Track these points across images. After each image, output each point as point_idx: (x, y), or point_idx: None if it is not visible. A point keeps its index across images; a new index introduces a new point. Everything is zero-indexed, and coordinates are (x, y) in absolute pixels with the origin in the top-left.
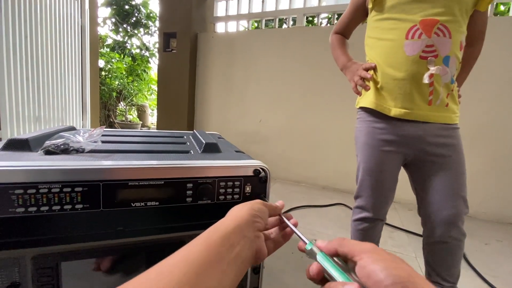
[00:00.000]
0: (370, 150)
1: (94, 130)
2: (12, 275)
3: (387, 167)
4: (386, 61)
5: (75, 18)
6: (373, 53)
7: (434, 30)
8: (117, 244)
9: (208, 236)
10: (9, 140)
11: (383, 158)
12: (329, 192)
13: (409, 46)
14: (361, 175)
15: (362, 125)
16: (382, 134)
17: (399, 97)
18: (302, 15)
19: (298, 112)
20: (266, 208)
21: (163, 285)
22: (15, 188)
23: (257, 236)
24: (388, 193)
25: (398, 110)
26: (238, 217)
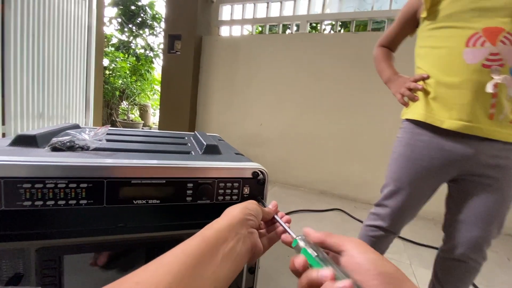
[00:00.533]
0: (405, 163)
1: (100, 129)
2: (17, 266)
3: (420, 184)
4: (441, 69)
5: (83, 17)
6: (426, 63)
7: (500, 38)
8: (118, 240)
9: (203, 233)
10: (18, 136)
11: (418, 174)
12: (327, 197)
13: (469, 53)
14: (390, 185)
15: (404, 136)
16: (425, 148)
17: (455, 107)
18: (306, 22)
19: (299, 117)
20: (260, 208)
21: (162, 274)
22: (23, 182)
23: (250, 232)
24: (415, 212)
25: (454, 122)
26: (231, 215)
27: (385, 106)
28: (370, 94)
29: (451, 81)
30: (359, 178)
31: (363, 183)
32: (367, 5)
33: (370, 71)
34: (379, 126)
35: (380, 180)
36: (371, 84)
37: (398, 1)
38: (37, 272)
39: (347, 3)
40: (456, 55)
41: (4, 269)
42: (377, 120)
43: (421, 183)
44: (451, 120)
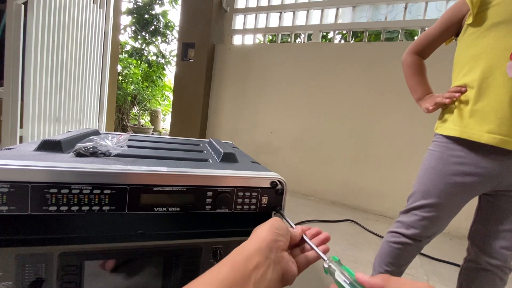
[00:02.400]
0: (435, 176)
1: (122, 136)
2: (39, 271)
3: (450, 199)
4: (481, 82)
5: (100, 25)
6: (466, 74)
7: None
8: (138, 247)
9: (233, 259)
10: (43, 141)
11: (449, 189)
12: (338, 208)
13: None
14: (417, 197)
15: (437, 149)
16: (459, 164)
17: (495, 121)
18: (318, 31)
19: (310, 126)
20: (286, 227)
21: None
22: (50, 187)
23: (281, 257)
24: (441, 225)
25: (493, 136)
26: (259, 238)
27: (399, 117)
28: (383, 104)
29: (492, 96)
30: (372, 189)
31: (375, 194)
32: (381, 15)
33: (382, 81)
34: (392, 137)
35: (394, 192)
36: (384, 94)
37: (412, 12)
38: (58, 277)
39: (360, 13)
40: (498, 68)
41: (26, 274)
42: (390, 131)
43: (451, 198)
44: (489, 134)
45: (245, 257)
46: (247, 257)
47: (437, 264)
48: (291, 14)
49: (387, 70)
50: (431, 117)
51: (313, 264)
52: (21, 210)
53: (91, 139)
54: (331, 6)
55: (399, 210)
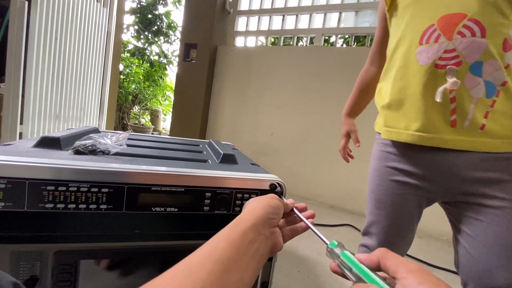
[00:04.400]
0: (379, 178)
1: (121, 134)
2: (33, 269)
3: (399, 201)
4: (397, 72)
5: (103, 24)
6: (388, 67)
7: (458, 29)
8: (135, 247)
9: (229, 234)
10: (42, 138)
11: (394, 189)
12: (337, 212)
13: (423, 53)
14: (370, 207)
15: (375, 148)
16: (394, 161)
17: (411, 117)
18: (321, 35)
19: (310, 129)
20: (281, 203)
21: (190, 282)
22: (47, 184)
23: (272, 232)
24: (403, 236)
25: (411, 134)
26: (255, 214)
27: None
28: None
29: (406, 87)
30: None
31: None
32: None
33: None
34: None
35: None
36: None
37: None
38: (53, 276)
39: (362, 18)
40: (410, 55)
41: (21, 272)
42: None
43: (400, 200)
44: (408, 131)
45: (241, 233)
46: (243, 233)
47: (436, 271)
48: (294, 17)
49: None
50: None
51: (300, 264)
52: (18, 206)
53: (90, 137)
54: (334, 11)
55: None
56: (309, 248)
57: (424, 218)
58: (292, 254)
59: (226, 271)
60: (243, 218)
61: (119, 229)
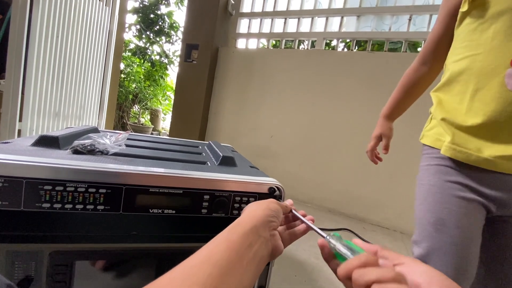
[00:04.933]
0: (439, 194)
1: (121, 135)
2: (28, 269)
3: (468, 223)
4: (474, 89)
5: (105, 22)
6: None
7: None
8: (131, 248)
9: (228, 237)
10: (41, 137)
11: (461, 208)
12: (335, 216)
13: (510, 77)
14: (427, 230)
15: (430, 162)
16: (458, 176)
17: (488, 141)
18: (322, 39)
19: (310, 132)
20: (280, 207)
21: (188, 285)
22: (45, 184)
23: (272, 235)
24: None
25: (485, 158)
26: (254, 217)
27: (399, 129)
28: None
29: (484, 109)
30: (370, 198)
31: (373, 204)
32: (385, 26)
33: (384, 91)
34: (392, 148)
35: (392, 202)
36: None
37: (416, 24)
38: (48, 276)
39: (364, 23)
40: (495, 74)
41: (16, 271)
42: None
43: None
44: (482, 155)
45: (241, 236)
46: (242, 236)
47: None
48: (296, 20)
49: (389, 81)
50: None
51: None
52: (14, 205)
53: (89, 137)
54: (336, 15)
55: (396, 221)
56: (306, 252)
57: None
58: (289, 258)
59: (225, 274)
60: (242, 220)
61: (116, 230)
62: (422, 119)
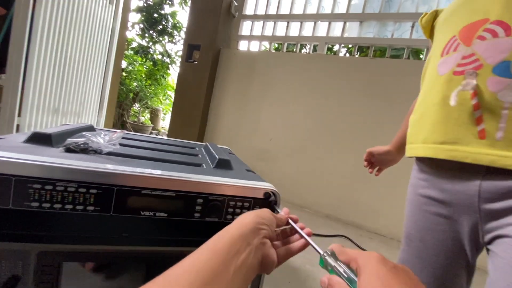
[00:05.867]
0: (410, 208)
1: (115, 134)
2: (15, 268)
3: (430, 236)
4: (423, 88)
5: (108, 21)
6: None
7: (478, 34)
8: (121, 251)
9: (213, 244)
10: (33, 134)
11: (425, 221)
12: (332, 222)
13: (442, 64)
14: (402, 243)
15: (411, 175)
16: (424, 188)
17: (428, 128)
18: (324, 43)
19: (309, 137)
20: (273, 217)
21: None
22: (34, 182)
23: (262, 243)
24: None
25: (427, 146)
26: (243, 224)
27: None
28: (384, 121)
29: (426, 99)
30: (367, 205)
31: (370, 211)
32: (387, 32)
33: (385, 97)
34: None
35: (389, 210)
36: (386, 111)
37: (418, 31)
38: (35, 276)
39: (367, 29)
40: (433, 69)
41: (3, 270)
42: None
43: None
44: (425, 144)
45: (227, 243)
46: (229, 243)
47: None
48: (298, 24)
49: (390, 87)
50: None
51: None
52: (2, 203)
53: (83, 135)
54: (339, 20)
55: (393, 229)
56: (301, 258)
57: None
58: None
59: (209, 284)
60: (230, 228)
61: (106, 232)
62: None
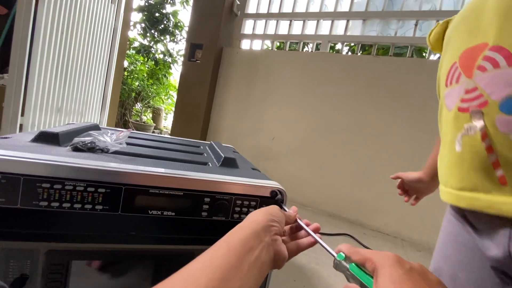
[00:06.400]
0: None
1: (122, 133)
2: (23, 267)
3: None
4: (439, 119)
5: (110, 20)
6: None
7: (478, 63)
8: (129, 249)
9: (228, 241)
10: (41, 132)
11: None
12: (336, 221)
13: (448, 96)
14: None
15: None
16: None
17: (445, 171)
18: (327, 42)
19: (312, 135)
20: (282, 213)
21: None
22: (43, 181)
23: (274, 240)
24: None
25: (447, 191)
26: (255, 222)
27: (402, 133)
28: (387, 120)
29: (443, 136)
30: (371, 203)
31: (374, 209)
32: (391, 30)
33: (388, 96)
34: (394, 153)
35: (393, 208)
36: (388, 109)
37: (422, 29)
38: (43, 275)
39: (370, 27)
40: (441, 99)
41: (10, 269)
42: (393, 146)
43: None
44: (445, 188)
45: (241, 240)
46: (243, 240)
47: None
48: (301, 22)
49: (393, 85)
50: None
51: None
52: (11, 203)
53: (89, 134)
54: (342, 18)
55: (397, 228)
56: (306, 257)
57: (423, 230)
58: (288, 263)
59: (227, 279)
60: (243, 225)
61: (114, 231)
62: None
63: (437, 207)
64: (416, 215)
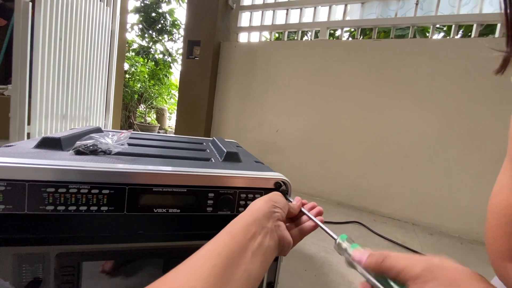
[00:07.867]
0: None
1: (122, 134)
2: (36, 271)
3: None
4: None
5: (106, 23)
6: None
7: None
8: (137, 248)
9: (230, 230)
10: (43, 139)
11: None
12: (344, 209)
13: None
14: None
15: None
16: None
17: None
18: (326, 29)
19: (316, 125)
20: (285, 200)
21: (193, 280)
22: (48, 186)
23: (277, 226)
24: None
25: None
26: (256, 209)
27: (408, 117)
28: (392, 104)
29: None
30: (380, 190)
31: (383, 195)
32: (391, 11)
33: (392, 80)
34: (400, 138)
35: (402, 193)
36: (393, 93)
37: (424, 8)
38: (56, 278)
39: (369, 10)
40: None
41: (23, 274)
42: (399, 131)
43: None
44: None
45: (243, 227)
46: (244, 227)
47: None
48: (298, 11)
49: (396, 68)
50: (442, 118)
51: (307, 263)
52: (18, 209)
53: (91, 137)
54: (339, 3)
55: (408, 212)
56: (316, 246)
57: (434, 214)
58: (298, 252)
59: (230, 265)
60: (244, 214)
61: (121, 231)
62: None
63: (448, 188)
64: (426, 198)
